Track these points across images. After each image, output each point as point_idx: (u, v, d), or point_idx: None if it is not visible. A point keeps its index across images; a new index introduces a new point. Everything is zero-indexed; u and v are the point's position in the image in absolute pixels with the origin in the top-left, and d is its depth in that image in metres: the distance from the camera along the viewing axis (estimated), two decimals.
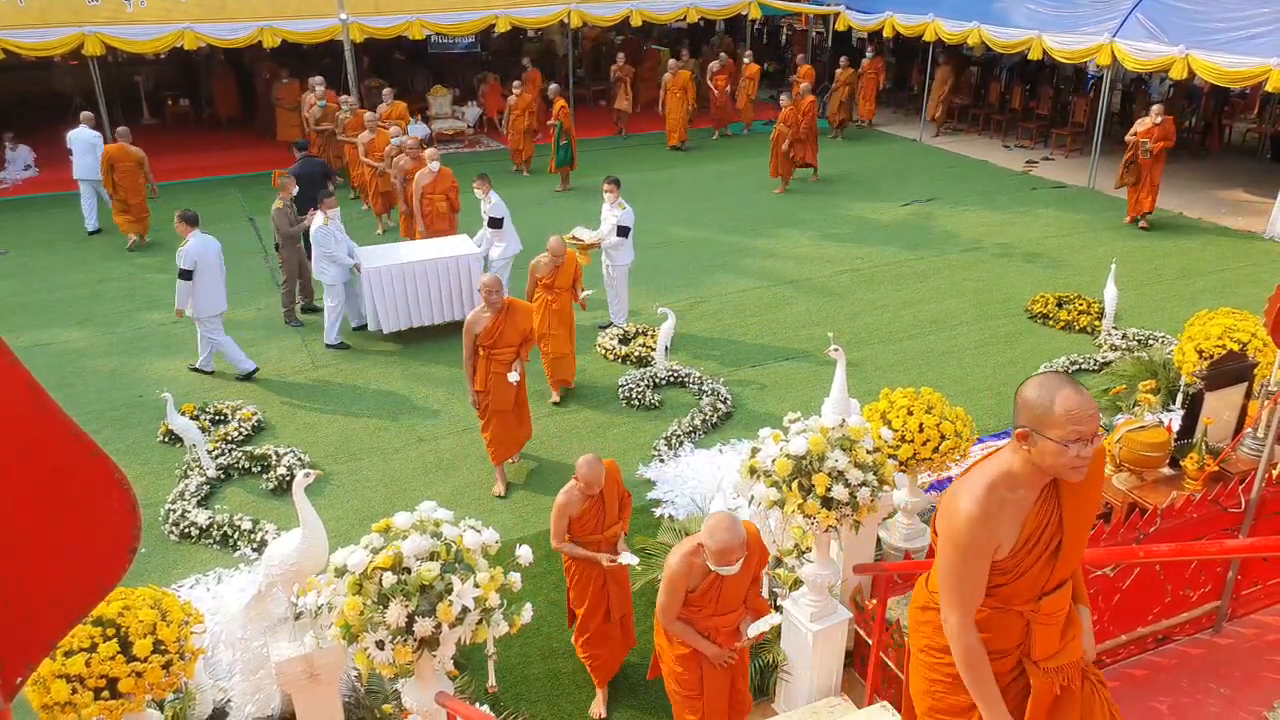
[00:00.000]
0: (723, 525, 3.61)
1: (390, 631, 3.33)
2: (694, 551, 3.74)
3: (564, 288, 7.46)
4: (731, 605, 3.84)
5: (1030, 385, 2.43)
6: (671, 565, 3.77)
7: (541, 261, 7.40)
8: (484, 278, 6.29)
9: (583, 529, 4.62)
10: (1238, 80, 11.98)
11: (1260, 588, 4.28)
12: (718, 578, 3.73)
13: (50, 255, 11.47)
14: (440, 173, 9.78)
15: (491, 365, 6.23)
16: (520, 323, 6.25)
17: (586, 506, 4.59)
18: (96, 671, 3.52)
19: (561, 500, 4.58)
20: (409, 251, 9.04)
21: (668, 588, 3.77)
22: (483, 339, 6.18)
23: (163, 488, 6.59)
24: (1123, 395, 7.01)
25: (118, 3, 13.76)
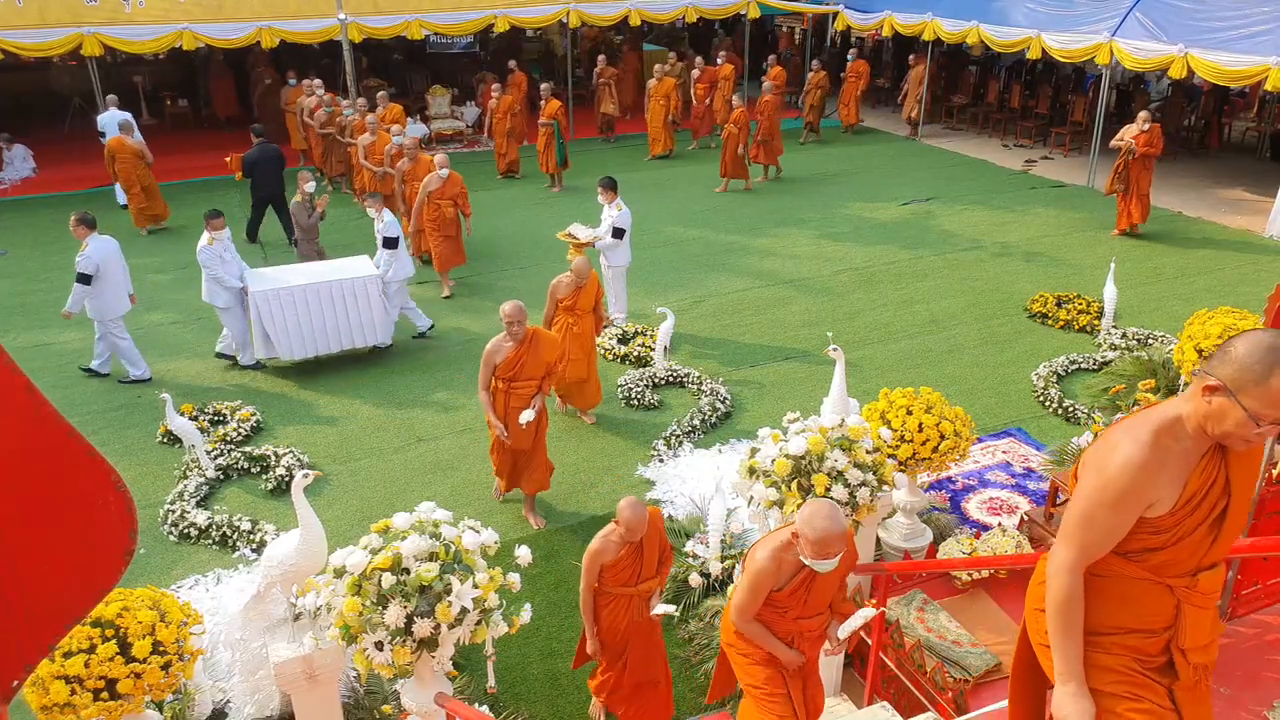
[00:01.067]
0: (822, 513, 3.21)
1: (389, 632, 3.33)
2: (785, 546, 3.36)
3: (585, 310, 6.99)
4: (819, 607, 3.50)
5: (1250, 344, 2.10)
6: (758, 561, 3.39)
7: (563, 282, 6.91)
8: (505, 306, 5.66)
9: (616, 579, 4.17)
10: (1237, 79, 11.98)
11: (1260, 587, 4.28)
12: (809, 575, 3.38)
13: (49, 256, 11.46)
14: (449, 178, 9.58)
15: (510, 400, 5.75)
16: (544, 354, 5.75)
17: (624, 554, 4.14)
18: (95, 672, 3.53)
19: (596, 546, 4.12)
20: (302, 274, 8.40)
21: (750, 585, 3.39)
22: (502, 371, 5.70)
23: (162, 488, 6.58)
24: (1122, 394, 7.01)
25: (116, 3, 13.75)
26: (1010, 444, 7.01)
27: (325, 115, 13.17)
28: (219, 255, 7.85)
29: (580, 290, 6.89)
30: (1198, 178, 14.37)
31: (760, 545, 3.47)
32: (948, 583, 4.99)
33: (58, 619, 1.04)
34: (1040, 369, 7.96)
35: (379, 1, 15.22)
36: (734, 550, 5.40)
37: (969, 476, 6.56)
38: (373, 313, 8.32)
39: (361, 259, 8.89)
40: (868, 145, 17.03)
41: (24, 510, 0.98)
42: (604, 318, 7.25)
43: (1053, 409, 7.41)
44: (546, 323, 6.89)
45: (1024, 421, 7.32)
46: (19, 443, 0.97)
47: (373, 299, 8.30)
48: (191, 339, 9.08)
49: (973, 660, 4.43)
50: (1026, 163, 15.53)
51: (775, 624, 3.48)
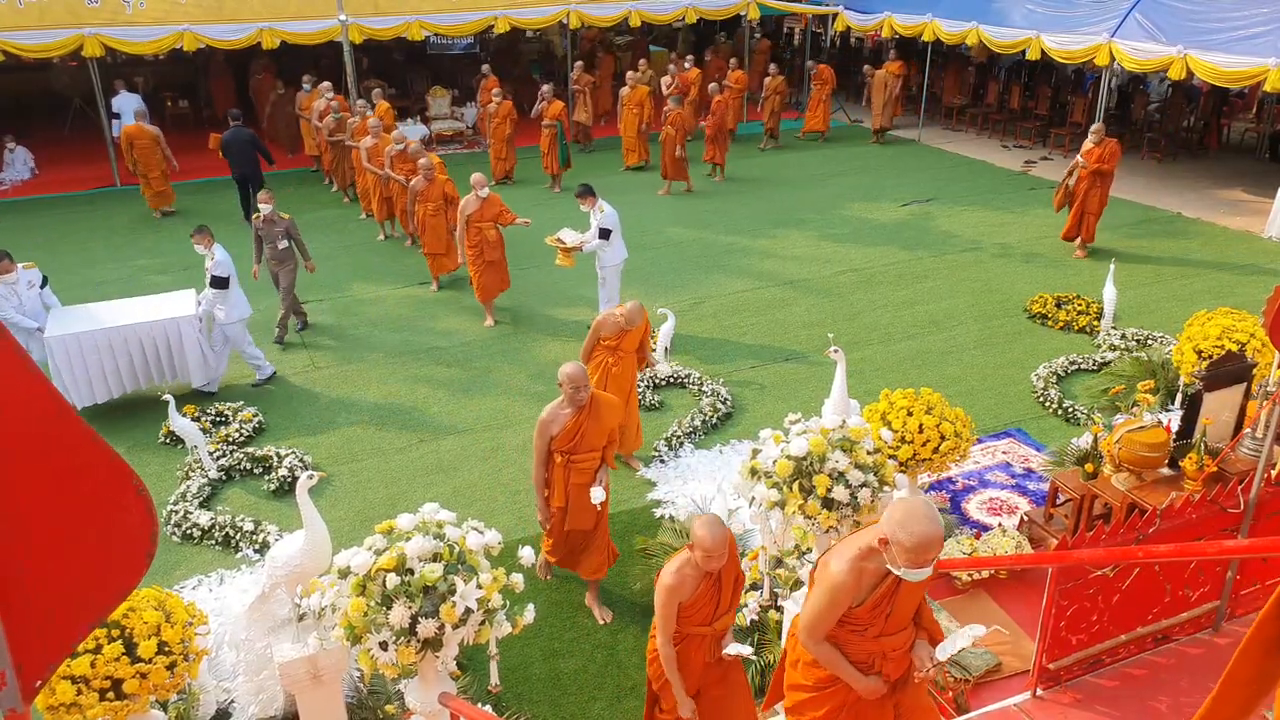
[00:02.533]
0: (920, 513, 2.77)
1: (393, 632, 3.35)
2: (866, 553, 2.91)
3: (629, 352, 6.38)
4: (903, 621, 3.04)
5: None
6: (835, 574, 2.93)
7: (610, 320, 6.30)
8: (566, 368, 4.87)
9: (693, 618, 3.58)
10: (1236, 80, 12.01)
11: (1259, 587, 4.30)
12: (893, 586, 2.94)
13: (50, 258, 11.46)
14: (489, 199, 8.94)
15: (572, 475, 4.95)
16: (606, 420, 4.97)
17: (703, 588, 3.54)
18: (101, 673, 3.55)
19: (671, 581, 3.51)
20: (108, 315, 7.60)
21: (826, 601, 2.95)
22: (560, 443, 4.91)
23: (164, 489, 6.60)
24: (1121, 395, 7.03)
25: (117, 4, 13.76)
26: (1010, 444, 7.03)
27: (334, 122, 12.98)
28: (4, 296, 7.35)
29: (627, 333, 6.32)
30: (1197, 179, 14.39)
31: (835, 554, 3.02)
32: (948, 583, 5.01)
33: (80, 619, 1.06)
34: (1040, 370, 7.98)
35: (379, 2, 15.24)
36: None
37: (969, 477, 6.58)
38: (186, 356, 7.57)
39: (186, 294, 8.04)
40: (866, 146, 17.04)
41: (48, 512, 1.00)
42: (649, 360, 6.77)
43: (1052, 410, 7.43)
44: (585, 358, 6.36)
45: (1024, 422, 7.34)
46: (44, 447, 0.99)
47: (187, 341, 7.53)
48: None
49: (973, 660, 4.45)
50: (1026, 163, 15.56)
51: (852, 645, 3.03)
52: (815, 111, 17.03)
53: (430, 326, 9.37)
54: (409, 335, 9.15)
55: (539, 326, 9.29)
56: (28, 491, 0.97)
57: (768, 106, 16.51)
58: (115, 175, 14.69)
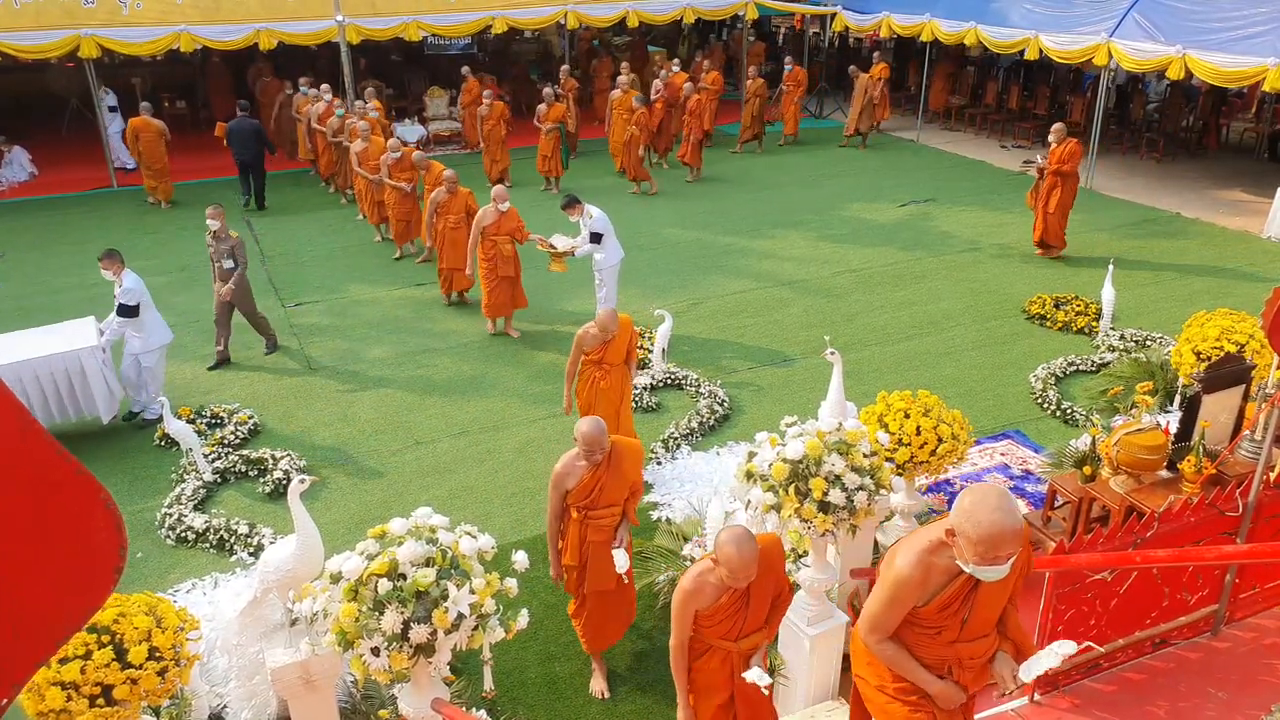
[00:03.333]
0: (989, 503, 2.50)
1: (386, 638, 3.33)
2: (935, 547, 2.65)
3: (615, 364, 6.18)
4: (983, 628, 2.74)
5: None
6: (899, 568, 2.70)
7: (589, 333, 6.13)
8: (583, 426, 4.42)
9: (714, 630, 3.36)
10: (1234, 80, 11.99)
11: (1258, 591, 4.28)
12: (967, 586, 2.66)
13: (46, 259, 11.46)
14: (508, 213, 8.59)
15: (588, 532, 4.55)
16: (628, 472, 4.56)
17: (725, 601, 3.31)
18: (91, 679, 3.51)
19: (689, 586, 3.31)
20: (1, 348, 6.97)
21: (887, 597, 2.73)
22: (576, 498, 4.53)
23: (159, 491, 6.57)
24: (1120, 397, 7.01)
25: (113, 4, 13.74)
26: (1008, 446, 7.01)
27: (337, 122, 12.86)
28: None
29: (608, 344, 6.11)
30: (1196, 178, 14.37)
31: (902, 546, 2.78)
32: None
33: (46, 637, 1.04)
34: (1038, 371, 7.96)
35: (377, 3, 15.22)
36: None
37: (967, 479, 6.55)
38: (91, 390, 6.96)
39: (85, 323, 7.33)
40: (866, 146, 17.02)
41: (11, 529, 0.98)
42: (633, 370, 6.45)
43: (1051, 411, 7.41)
44: (569, 376, 6.29)
45: (1022, 423, 7.32)
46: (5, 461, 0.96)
47: (90, 374, 6.93)
48: (189, 342, 9.07)
49: None
50: (1025, 163, 15.53)
51: (923, 649, 2.77)
52: (786, 114, 16.80)
53: (427, 328, 9.35)
54: (406, 337, 9.13)
55: (536, 328, 9.26)
56: None
57: (748, 110, 16.32)
58: (112, 177, 14.67)
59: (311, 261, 11.31)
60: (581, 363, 6.22)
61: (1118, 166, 15.00)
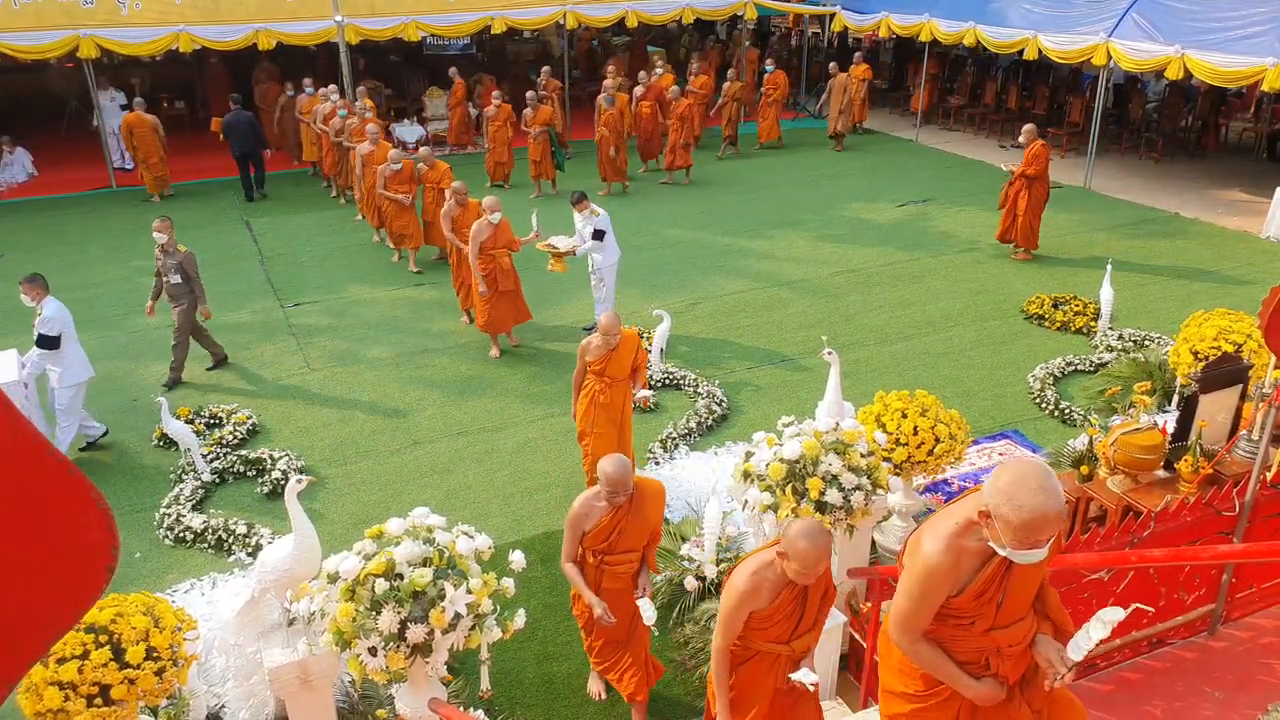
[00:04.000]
0: (1032, 482, 2.27)
1: (383, 638, 3.33)
2: (964, 529, 2.42)
3: (618, 378, 5.94)
4: (1019, 611, 2.51)
5: None
6: (927, 555, 2.44)
7: (592, 343, 5.91)
8: (606, 467, 4.01)
9: (766, 633, 3.09)
10: (1233, 80, 11.99)
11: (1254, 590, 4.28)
12: (1000, 570, 2.43)
13: (45, 260, 11.44)
14: (500, 224, 8.24)
15: (603, 579, 4.19)
16: (650, 515, 4.18)
17: (782, 601, 3.06)
18: (89, 678, 3.52)
19: (746, 585, 3.03)
20: None
21: (919, 589, 2.46)
22: (592, 541, 4.13)
23: (157, 492, 6.57)
24: (1118, 397, 7.02)
25: (112, 5, 13.74)
26: (1006, 446, 7.01)
27: (339, 122, 12.73)
28: None
29: (612, 353, 5.85)
30: (1194, 178, 14.38)
31: (928, 530, 2.51)
32: None
33: (38, 637, 1.04)
34: (1037, 371, 7.96)
35: (375, 3, 15.22)
36: (729, 553, 5.39)
37: (965, 479, 6.56)
38: None
39: (7, 356, 6.85)
40: (864, 146, 17.02)
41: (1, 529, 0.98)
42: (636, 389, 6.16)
43: (1049, 411, 7.41)
44: (576, 387, 6.07)
45: (1020, 423, 7.32)
46: None
47: None
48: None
49: None
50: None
51: (958, 642, 2.52)
52: (766, 119, 16.38)
53: (425, 329, 9.35)
54: (404, 337, 9.13)
55: (534, 329, 9.26)
56: None
57: (724, 113, 15.94)
58: (111, 177, 14.68)
59: (310, 262, 11.31)
60: (586, 376, 6.02)
61: (1116, 166, 15.00)
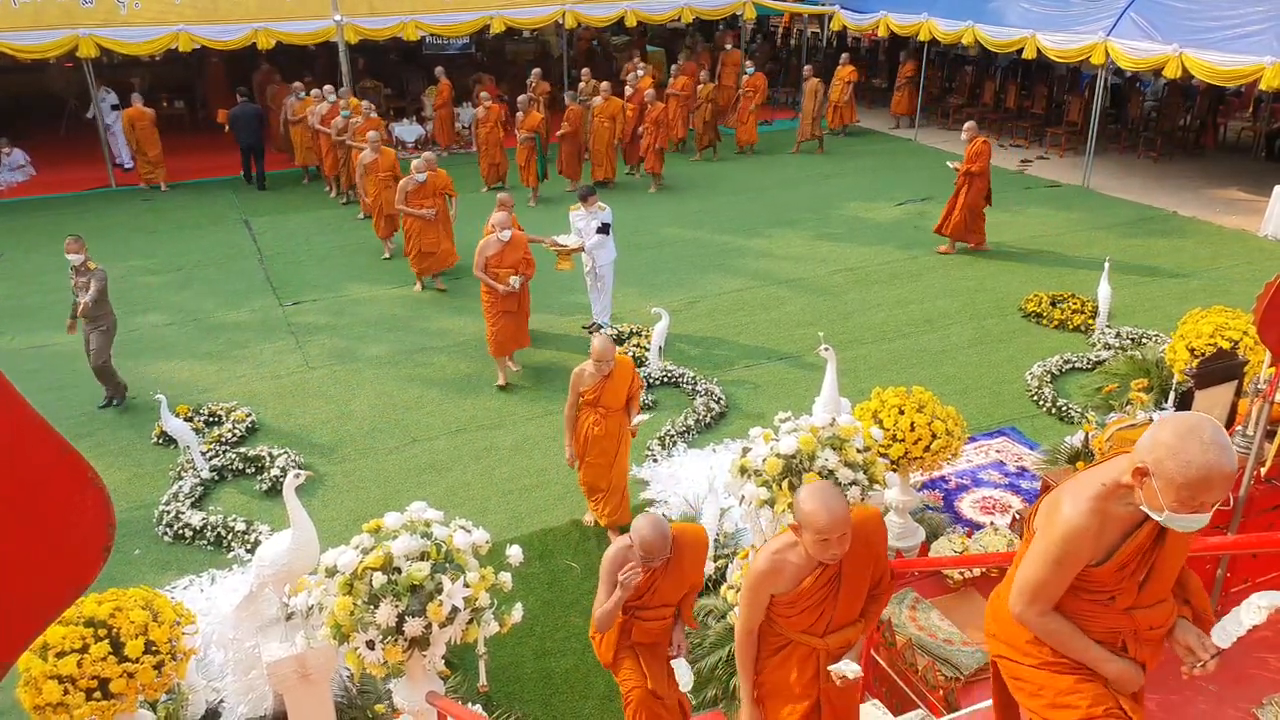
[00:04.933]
0: (1201, 436, 2.02)
1: (381, 631, 3.35)
2: (1112, 492, 2.17)
3: (613, 409, 5.63)
4: (1163, 590, 2.27)
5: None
6: (1068, 518, 2.17)
7: (585, 371, 5.59)
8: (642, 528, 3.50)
9: (795, 621, 2.77)
10: (1231, 79, 12.01)
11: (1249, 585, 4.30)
12: (1150, 538, 2.18)
13: (45, 258, 11.45)
14: (512, 242, 7.66)
15: (634, 632, 3.75)
16: (688, 570, 3.70)
17: (810, 584, 2.72)
18: (88, 672, 3.54)
19: (764, 565, 2.74)
20: None
21: (1054, 555, 2.20)
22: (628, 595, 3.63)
23: (156, 489, 6.58)
24: (1115, 394, 7.03)
25: (112, 4, 13.75)
26: (1003, 443, 7.02)
27: (342, 122, 12.64)
28: None
29: (606, 381, 5.55)
30: (1193, 177, 14.39)
31: (1068, 492, 2.25)
32: (940, 581, 5.00)
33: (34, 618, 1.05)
34: (1034, 368, 7.98)
35: (375, 3, 15.23)
36: (727, 549, 5.41)
37: (962, 475, 6.57)
38: None
39: None
40: (862, 145, 17.03)
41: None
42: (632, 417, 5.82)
43: (1046, 408, 7.43)
44: (570, 422, 5.74)
45: (1017, 421, 7.34)
46: None
47: None
48: (186, 340, 9.09)
49: (964, 659, 4.44)
50: (1022, 162, 15.56)
51: (1093, 619, 2.27)
52: (745, 123, 16.10)
53: (424, 327, 9.36)
54: (403, 335, 9.14)
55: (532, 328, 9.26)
56: None
57: (699, 116, 15.75)
58: (111, 176, 14.69)
59: (309, 260, 11.33)
60: (580, 408, 5.68)
61: (1115, 165, 15.02)
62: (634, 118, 14.41)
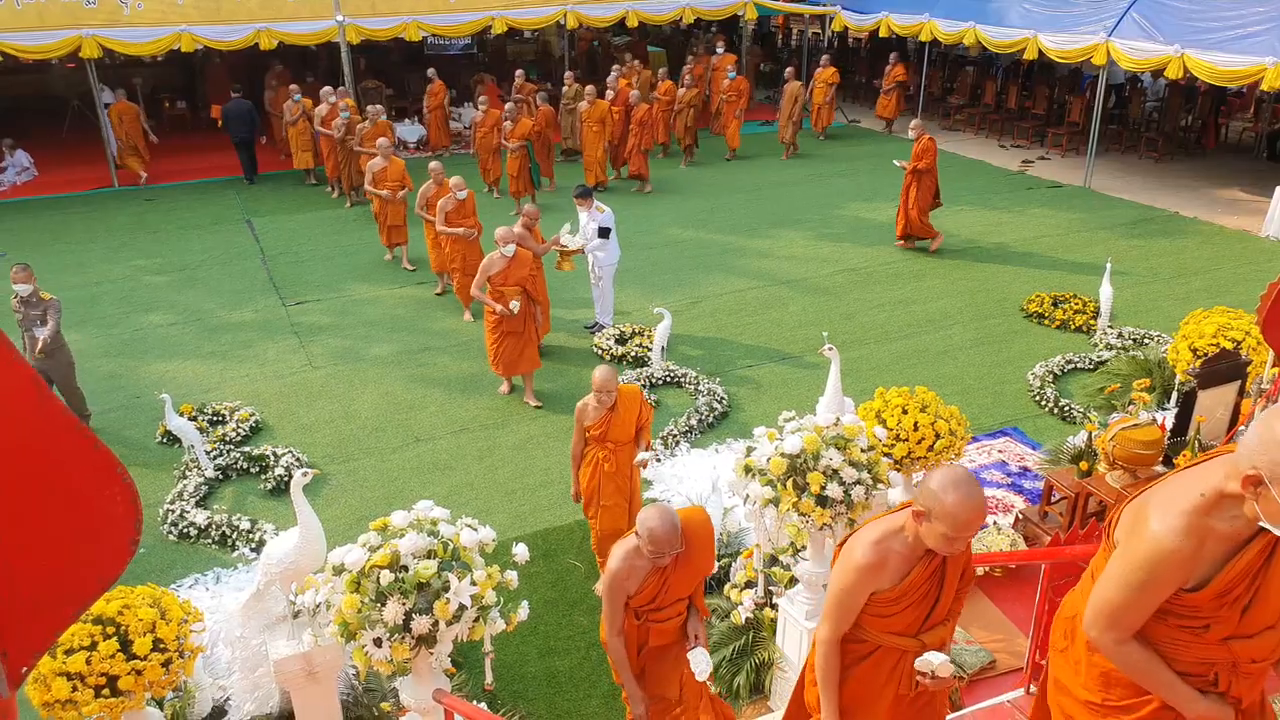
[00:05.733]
0: None
1: (387, 629, 3.36)
2: (1209, 506, 1.89)
3: (622, 442, 5.32)
4: (1268, 618, 1.98)
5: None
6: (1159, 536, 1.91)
7: (589, 405, 5.26)
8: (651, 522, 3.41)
9: (891, 621, 2.49)
10: (1233, 79, 12.02)
11: None
12: (1261, 561, 1.90)
13: (47, 258, 11.48)
14: (517, 258, 7.22)
15: (651, 636, 3.62)
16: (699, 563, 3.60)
17: (915, 578, 2.45)
18: (97, 669, 3.56)
19: (867, 558, 2.42)
20: None
21: (1142, 577, 1.94)
22: (639, 601, 3.55)
23: (161, 488, 6.60)
24: (1117, 394, 7.05)
25: (115, 5, 13.77)
26: (1006, 443, 7.04)
27: (344, 122, 12.53)
28: None
29: (611, 414, 5.24)
30: (1194, 178, 14.41)
31: (1154, 506, 1.96)
32: None
33: (65, 607, 1.07)
34: (1036, 368, 7.99)
35: (376, 3, 15.25)
36: (730, 549, 5.42)
37: None
38: None
39: None
40: (863, 145, 17.04)
41: (30, 501, 1.01)
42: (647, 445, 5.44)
43: (1048, 408, 7.45)
44: (575, 459, 5.46)
45: (1020, 421, 7.35)
46: (25, 435, 1.00)
47: None
48: (190, 340, 9.11)
49: (967, 658, 4.46)
50: (1023, 163, 15.58)
51: (1181, 649, 2.00)
52: (728, 128, 15.85)
53: (427, 327, 9.38)
54: (406, 335, 9.16)
55: None
56: (10, 480, 0.97)
57: (680, 121, 15.40)
58: (114, 176, 14.72)
59: (312, 260, 11.35)
60: (586, 444, 5.37)
61: (1116, 165, 15.04)
62: (620, 120, 14.18)
